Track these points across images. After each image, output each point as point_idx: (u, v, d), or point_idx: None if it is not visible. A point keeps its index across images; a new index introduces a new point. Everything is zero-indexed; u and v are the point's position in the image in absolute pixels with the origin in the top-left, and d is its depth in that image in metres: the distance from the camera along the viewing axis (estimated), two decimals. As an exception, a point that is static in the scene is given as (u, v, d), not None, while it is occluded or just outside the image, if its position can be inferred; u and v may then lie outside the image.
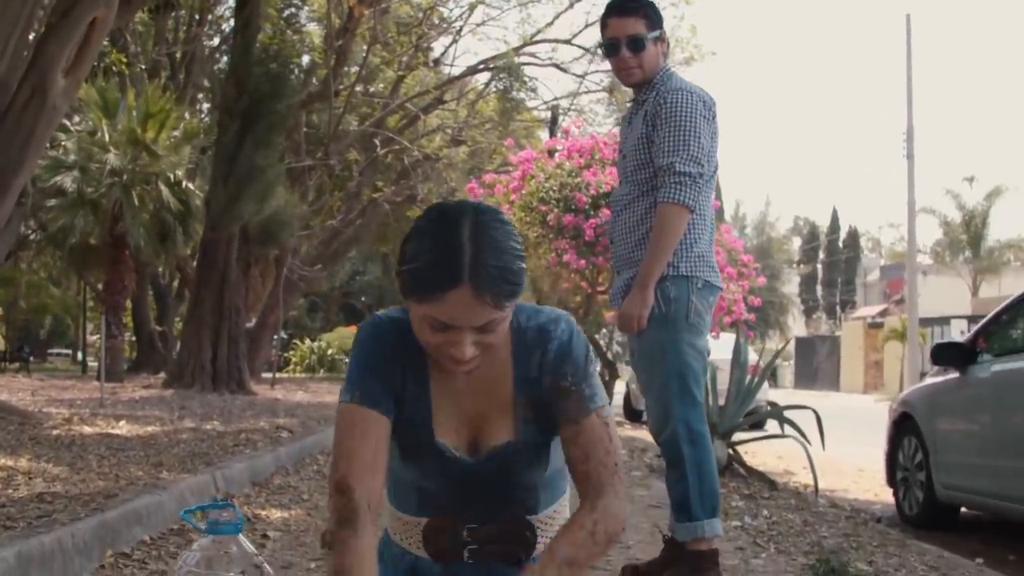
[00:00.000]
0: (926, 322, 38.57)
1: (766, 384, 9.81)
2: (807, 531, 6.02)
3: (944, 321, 39.59)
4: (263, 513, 5.53)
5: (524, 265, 1.99)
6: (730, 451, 8.96)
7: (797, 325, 76.13)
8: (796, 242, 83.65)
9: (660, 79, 4.35)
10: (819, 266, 79.73)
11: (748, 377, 9.31)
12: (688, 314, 4.19)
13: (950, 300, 46.76)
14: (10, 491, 4.91)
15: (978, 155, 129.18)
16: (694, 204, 4.15)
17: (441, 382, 2.15)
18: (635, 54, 4.31)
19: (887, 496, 8.91)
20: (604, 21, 4.41)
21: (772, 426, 10.80)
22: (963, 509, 7.69)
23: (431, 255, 1.91)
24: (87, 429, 8.77)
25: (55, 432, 8.36)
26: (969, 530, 7.64)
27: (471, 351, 1.97)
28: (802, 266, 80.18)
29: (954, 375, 7.46)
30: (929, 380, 8.15)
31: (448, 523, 2.26)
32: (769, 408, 9.64)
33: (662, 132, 4.18)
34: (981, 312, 39.36)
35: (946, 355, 7.55)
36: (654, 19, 4.35)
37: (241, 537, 2.06)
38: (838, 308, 75.28)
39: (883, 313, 54.51)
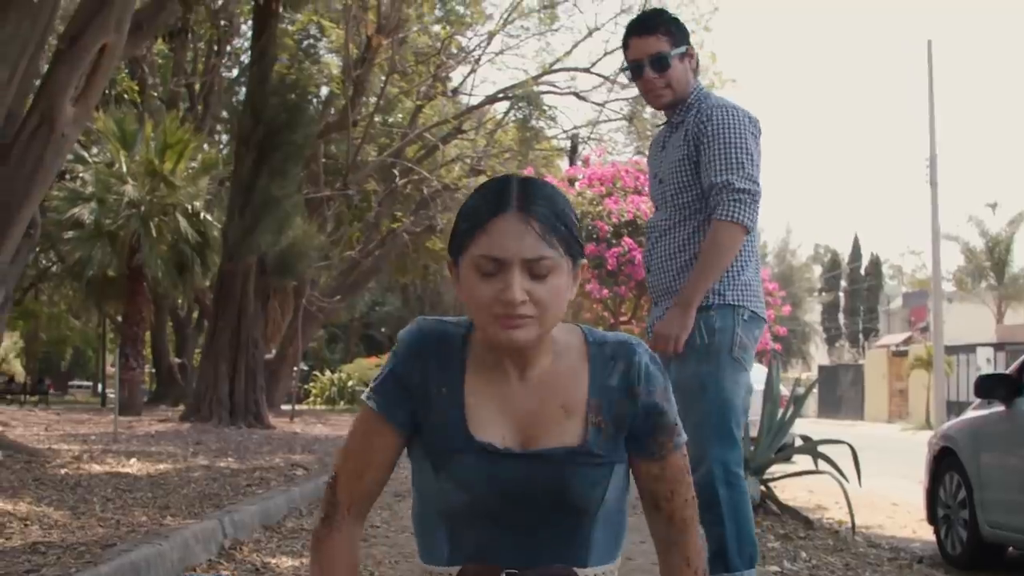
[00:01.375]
0: (951, 350, 38.07)
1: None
2: (850, 576, 5.69)
3: (970, 349, 39.08)
4: (273, 561, 5.21)
5: (576, 220, 2.01)
6: (763, 488, 8.61)
7: (819, 354, 75.49)
8: (817, 270, 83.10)
9: (695, 97, 4.06)
10: (841, 294, 79.12)
11: (780, 410, 8.97)
12: (732, 347, 3.89)
13: (975, 327, 46.17)
14: (2, 540, 4.62)
15: (1000, 181, 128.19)
16: (752, 225, 3.87)
17: (485, 382, 2.03)
18: (661, 74, 4.05)
19: (926, 533, 8.56)
20: (625, 42, 4.16)
21: (801, 459, 10.41)
22: (1010, 549, 7.34)
23: (480, 194, 1.98)
24: (96, 468, 8.49)
25: (62, 471, 8.08)
26: (1017, 571, 7.28)
27: (521, 294, 1.90)
28: (824, 294, 79.62)
29: (999, 408, 7.11)
30: (971, 413, 7.79)
31: (485, 572, 1.98)
32: (802, 442, 9.24)
33: (712, 150, 3.90)
34: (1007, 339, 38.96)
35: (990, 387, 7.20)
36: (677, 35, 4.09)
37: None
38: (861, 336, 74.64)
39: (907, 341, 53.88)
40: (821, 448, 8.86)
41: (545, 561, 1.98)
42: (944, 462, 7.77)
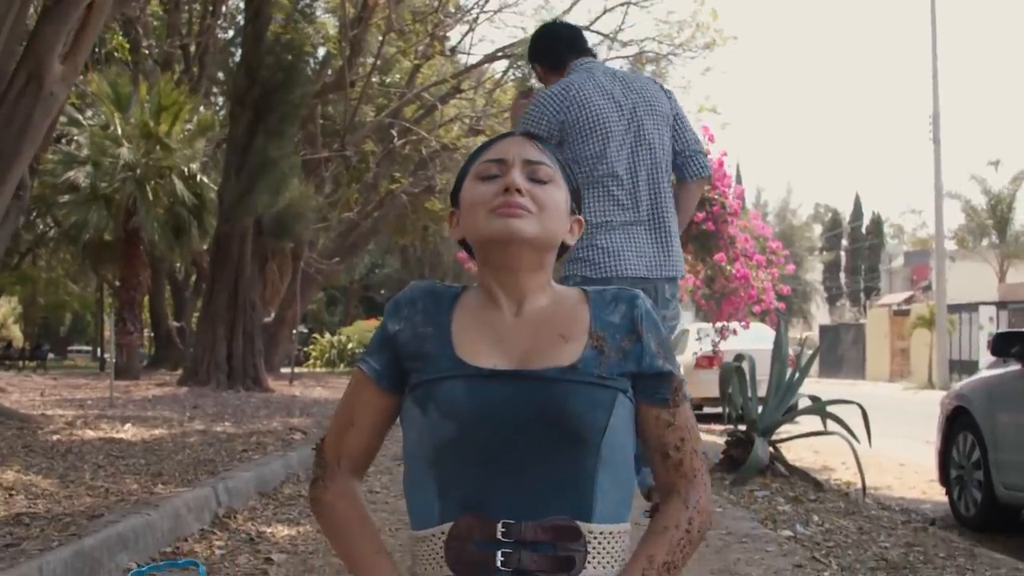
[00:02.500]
0: (953, 308, 37.88)
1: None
2: (865, 540, 5.51)
3: (972, 307, 38.87)
4: (268, 531, 5.03)
5: (571, 169, 2.07)
6: (771, 449, 8.42)
7: (820, 313, 75.33)
8: (817, 229, 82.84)
9: None
10: (842, 253, 78.92)
11: (789, 371, 8.77)
12: None
13: (977, 286, 45.89)
14: (-16, 512, 4.44)
15: (1003, 139, 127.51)
16: None
17: (476, 318, 1.96)
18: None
19: (936, 494, 8.43)
20: None
21: (806, 419, 10.14)
22: (1025, 511, 7.17)
23: (487, 139, 2.10)
24: (89, 433, 8.31)
25: (55, 438, 7.90)
26: (1032, 533, 7.11)
27: (520, 179, 1.92)
28: (825, 253, 79.40)
29: (1015, 367, 6.92)
30: (986, 372, 7.61)
31: (478, 523, 1.78)
32: (809, 403, 9.04)
33: None
34: (1009, 298, 38.80)
35: (1006, 345, 7.00)
36: (533, 61, 4.91)
37: (204, 608, 1.58)
38: (862, 295, 74.46)
39: (909, 300, 53.67)
40: (830, 408, 8.68)
41: (545, 510, 1.79)
42: (957, 422, 7.60)
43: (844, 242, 78.91)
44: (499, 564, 1.75)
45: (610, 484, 1.84)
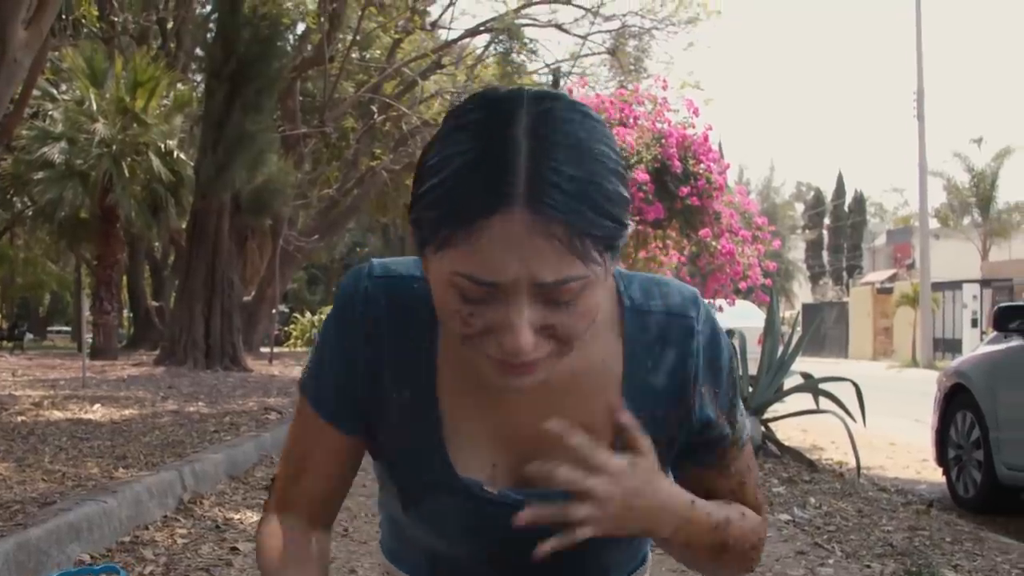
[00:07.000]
0: (937, 286, 37.78)
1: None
2: (866, 524, 5.25)
3: (956, 285, 38.77)
4: (236, 517, 4.74)
5: (625, 192, 1.14)
6: (763, 428, 8.16)
7: (803, 292, 75.35)
8: (800, 208, 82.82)
9: None
10: (824, 232, 78.87)
11: (780, 348, 8.51)
12: None
13: (959, 264, 45.81)
14: (-74, 499, 4.13)
15: (985, 116, 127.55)
16: None
17: (470, 382, 1.31)
18: None
19: (930, 474, 8.22)
20: None
21: (797, 398, 9.86)
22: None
23: (462, 162, 1.09)
24: (56, 414, 7.99)
25: (18, 419, 7.58)
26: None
27: (530, 339, 1.12)
28: (807, 232, 79.34)
29: (1018, 342, 6.67)
30: (986, 348, 7.35)
31: None
32: (802, 380, 8.76)
33: None
34: (993, 276, 38.70)
35: (1009, 319, 6.75)
36: None
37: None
38: (845, 274, 74.44)
39: (892, 278, 53.61)
40: (822, 386, 8.42)
41: None
42: (956, 400, 7.36)
43: (826, 220, 78.87)
44: None
45: (626, 553, 1.49)
